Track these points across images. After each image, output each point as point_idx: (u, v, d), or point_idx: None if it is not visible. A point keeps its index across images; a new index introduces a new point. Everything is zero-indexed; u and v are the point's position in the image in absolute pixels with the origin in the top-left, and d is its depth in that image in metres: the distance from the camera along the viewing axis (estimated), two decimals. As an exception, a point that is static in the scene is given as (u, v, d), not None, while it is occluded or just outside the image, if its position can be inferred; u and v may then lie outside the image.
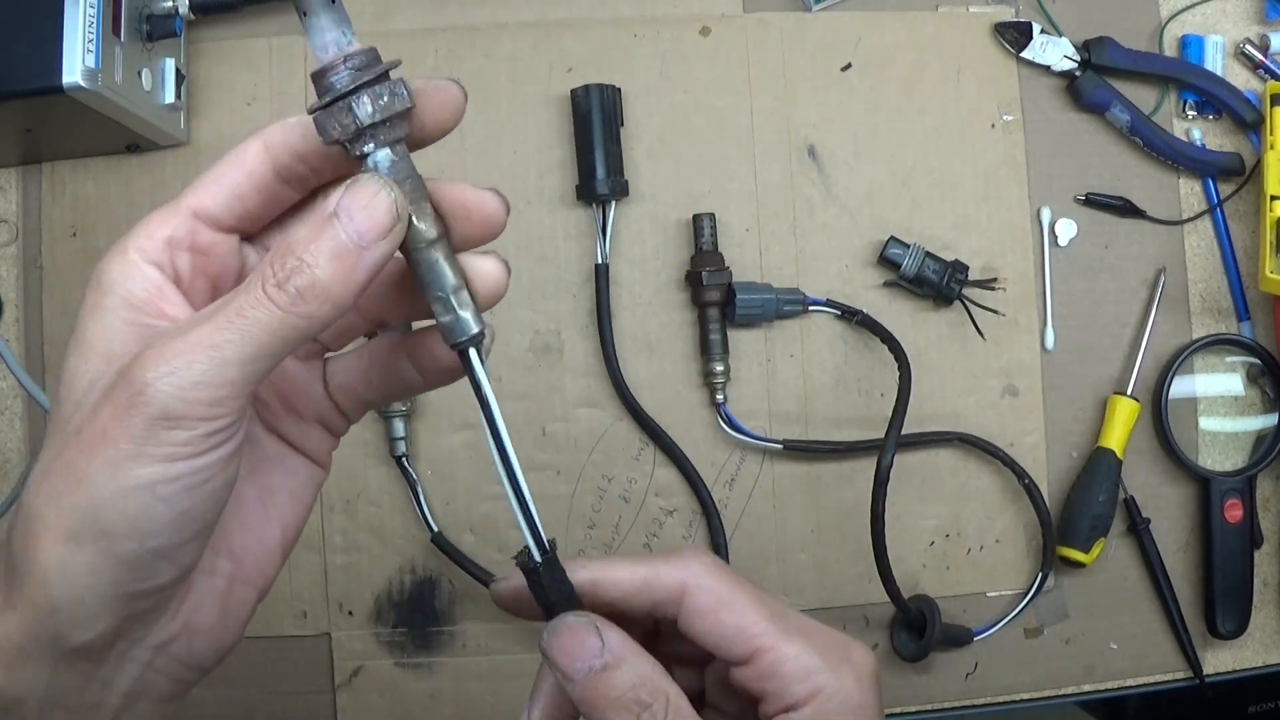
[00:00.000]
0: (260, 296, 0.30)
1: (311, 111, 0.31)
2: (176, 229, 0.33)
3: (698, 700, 0.37)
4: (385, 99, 0.31)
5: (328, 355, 0.38)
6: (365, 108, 0.30)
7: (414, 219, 0.32)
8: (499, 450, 0.34)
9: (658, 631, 0.39)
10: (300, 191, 0.34)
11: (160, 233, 0.32)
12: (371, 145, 0.31)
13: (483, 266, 0.33)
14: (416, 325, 0.37)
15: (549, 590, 0.34)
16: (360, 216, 0.30)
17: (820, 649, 0.35)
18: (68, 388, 0.32)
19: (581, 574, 0.35)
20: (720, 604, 0.35)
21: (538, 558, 0.34)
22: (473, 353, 0.33)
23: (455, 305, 0.32)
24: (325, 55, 0.31)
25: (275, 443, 0.37)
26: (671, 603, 0.35)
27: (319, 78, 0.31)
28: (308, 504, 0.38)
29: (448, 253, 0.32)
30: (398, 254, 0.32)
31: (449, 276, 0.32)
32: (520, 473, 0.34)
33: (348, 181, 0.31)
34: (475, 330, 0.33)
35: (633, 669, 0.33)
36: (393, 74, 0.31)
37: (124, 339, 0.31)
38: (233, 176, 0.33)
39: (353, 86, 0.30)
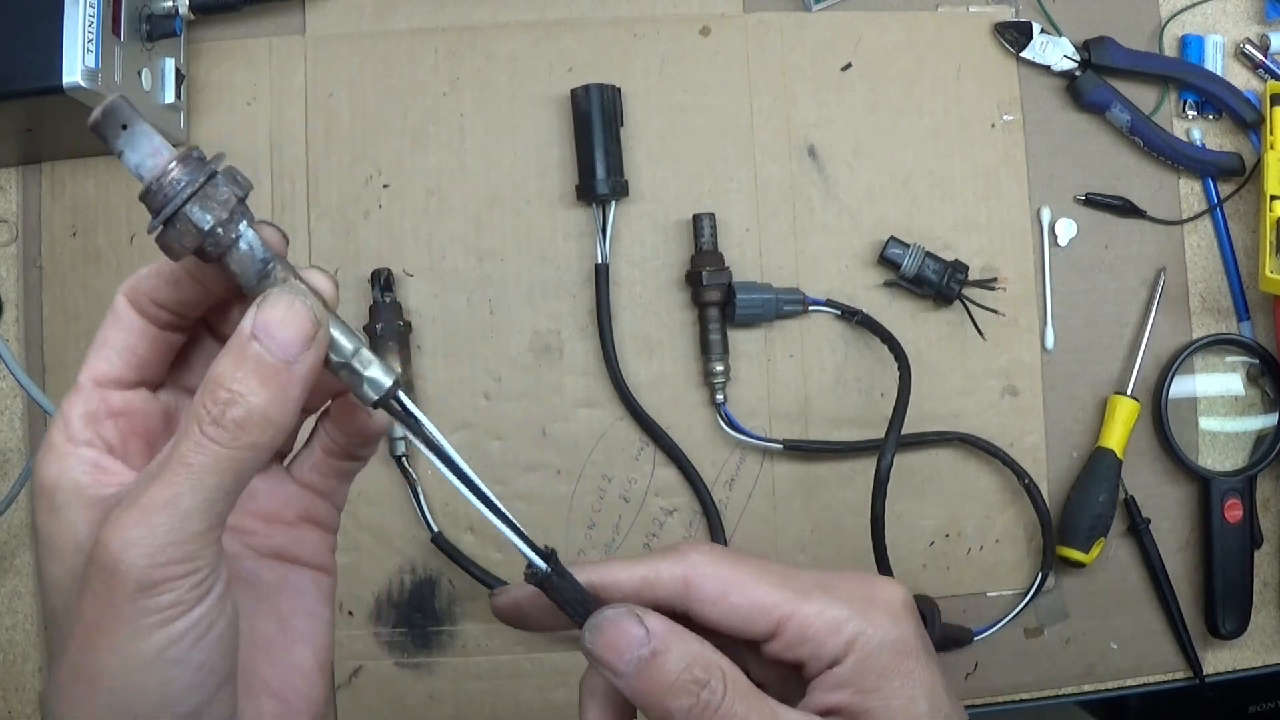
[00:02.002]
0: (200, 440, 0.29)
1: (151, 233, 0.31)
2: (87, 403, 0.33)
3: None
4: (218, 195, 0.30)
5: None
6: (199, 214, 0.30)
7: None
8: (465, 482, 0.33)
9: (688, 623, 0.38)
10: (186, 327, 0.34)
11: (75, 414, 0.32)
12: (224, 244, 0.31)
13: (312, 279, 0.33)
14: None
15: (567, 595, 0.34)
16: (280, 332, 0.30)
17: (844, 598, 0.34)
18: (52, 594, 0.31)
19: (581, 579, 0.35)
20: (727, 587, 0.34)
21: (543, 567, 0.34)
22: (398, 398, 0.33)
23: (359, 368, 0.32)
24: (146, 176, 0.30)
25: (273, 567, 0.37)
26: (677, 597, 0.35)
27: (147, 200, 0.30)
28: (327, 618, 0.38)
29: (334, 319, 0.32)
30: None
31: (344, 343, 0.32)
32: (492, 495, 0.34)
33: (257, 300, 0.30)
34: (389, 382, 0.32)
35: (683, 649, 0.32)
36: (222, 172, 0.31)
37: (84, 526, 0.30)
38: (114, 335, 0.33)
39: (182, 199, 0.30)
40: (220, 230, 0.30)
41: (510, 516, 0.34)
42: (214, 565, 0.30)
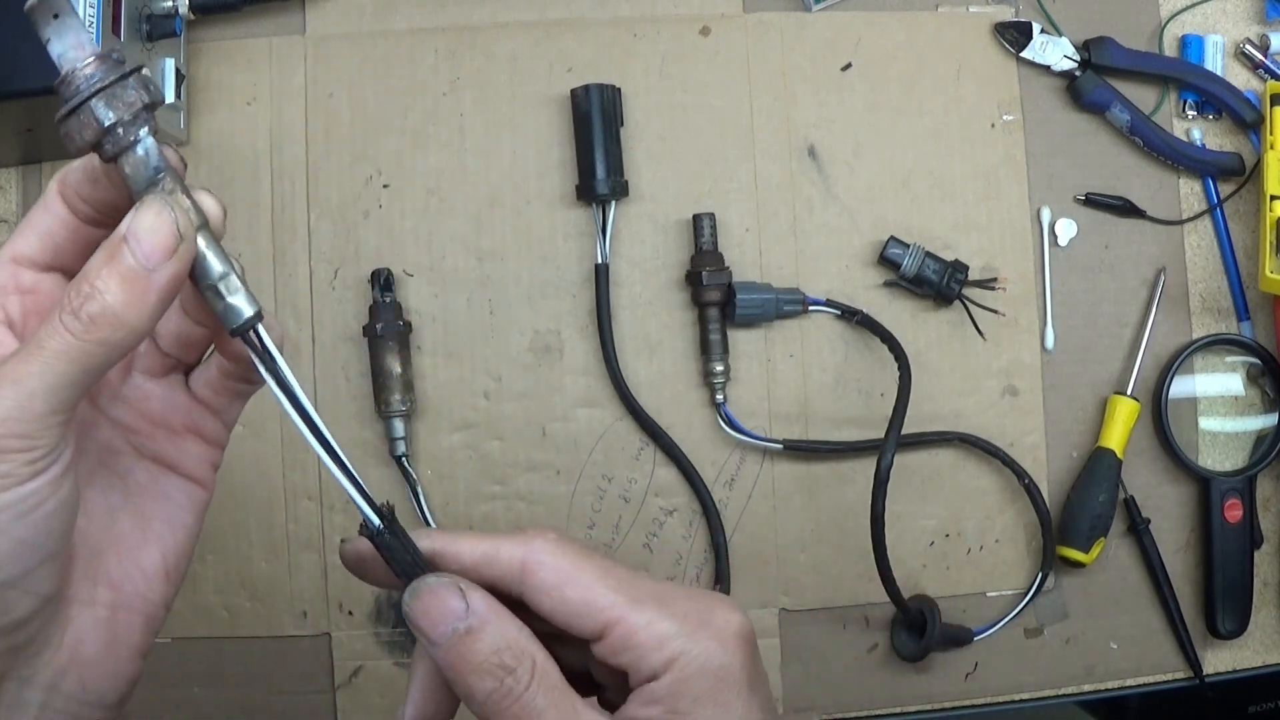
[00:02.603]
0: (57, 326, 0.30)
1: (56, 121, 0.32)
2: None
3: (586, 678, 0.36)
4: (125, 96, 0.31)
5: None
6: (103, 109, 0.31)
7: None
8: (311, 429, 0.34)
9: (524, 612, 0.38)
10: (104, 227, 0.34)
11: None
12: (121, 144, 0.31)
13: (199, 198, 0.33)
14: None
15: (397, 555, 0.34)
16: (146, 238, 0.31)
17: (677, 615, 0.34)
18: None
19: (424, 543, 0.35)
20: (564, 580, 0.34)
21: (377, 523, 0.34)
22: (258, 333, 0.33)
23: (225, 292, 0.33)
24: (64, 66, 0.32)
25: (148, 469, 0.37)
26: (513, 579, 0.34)
27: (60, 88, 0.32)
28: (190, 527, 0.38)
29: (209, 240, 0.33)
30: None
31: (214, 264, 0.33)
32: (338, 447, 0.34)
33: (135, 205, 0.31)
34: (249, 313, 0.33)
35: (497, 632, 0.33)
36: (135, 77, 0.32)
37: None
38: (40, 219, 0.35)
39: (91, 91, 0.31)
40: (120, 130, 0.31)
41: (353, 471, 0.34)
42: (52, 446, 0.30)
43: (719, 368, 0.72)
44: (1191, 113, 0.77)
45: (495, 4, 0.75)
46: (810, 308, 0.73)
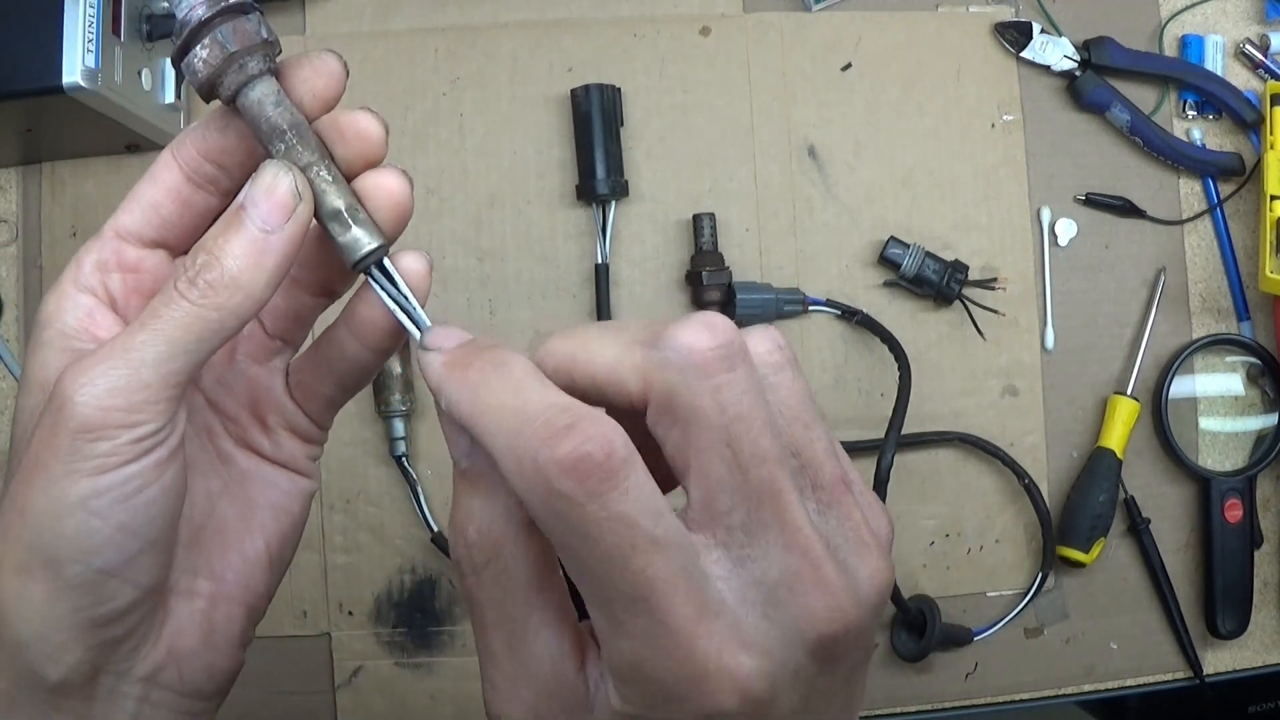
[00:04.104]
0: (172, 295, 0.29)
1: (172, 57, 0.31)
2: (101, 251, 0.33)
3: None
4: (244, 30, 0.31)
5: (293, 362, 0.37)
6: (226, 38, 0.30)
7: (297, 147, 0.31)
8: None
9: None
10: (218, 196, 0.34)
11: (88, 259, 0.33)
12: (240, 81, 0.31)
13: (381, 180, 0.32)
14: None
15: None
16: (263, 202, 0.30)
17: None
18: (18, 426, 0.32)
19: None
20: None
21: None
22: (383, 267, 0.32)
23: (350, 222, 0.31)
24: (181, 7, 0.31)
25: (249, 457, 0.36)
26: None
27: (179, 28, 0.31)
28: (295, 515, 0.37)
29: (334, 174, 0.32)
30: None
31: (335, 198, 0.31)
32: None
33: (253, 174, 0.31)
34: (373, 244, 0.31)
35: (480, 513, 0.29)
36: (254, 14, 0.31)
37: (58, 367, 0.30)
38: (147, 191, 0.33)
39: (209, 16, 0.30)
40: (240, 64, 0.31)
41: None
42: (160, 427, 0.29)
43: (719, 368, 0.72)
44: (1191, 113, 0.77)
45: (495, 4, 0.75)
46: (810, 308, 0.73)
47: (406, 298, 0.32)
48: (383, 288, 0.32)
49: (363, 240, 0.31)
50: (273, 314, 0.36)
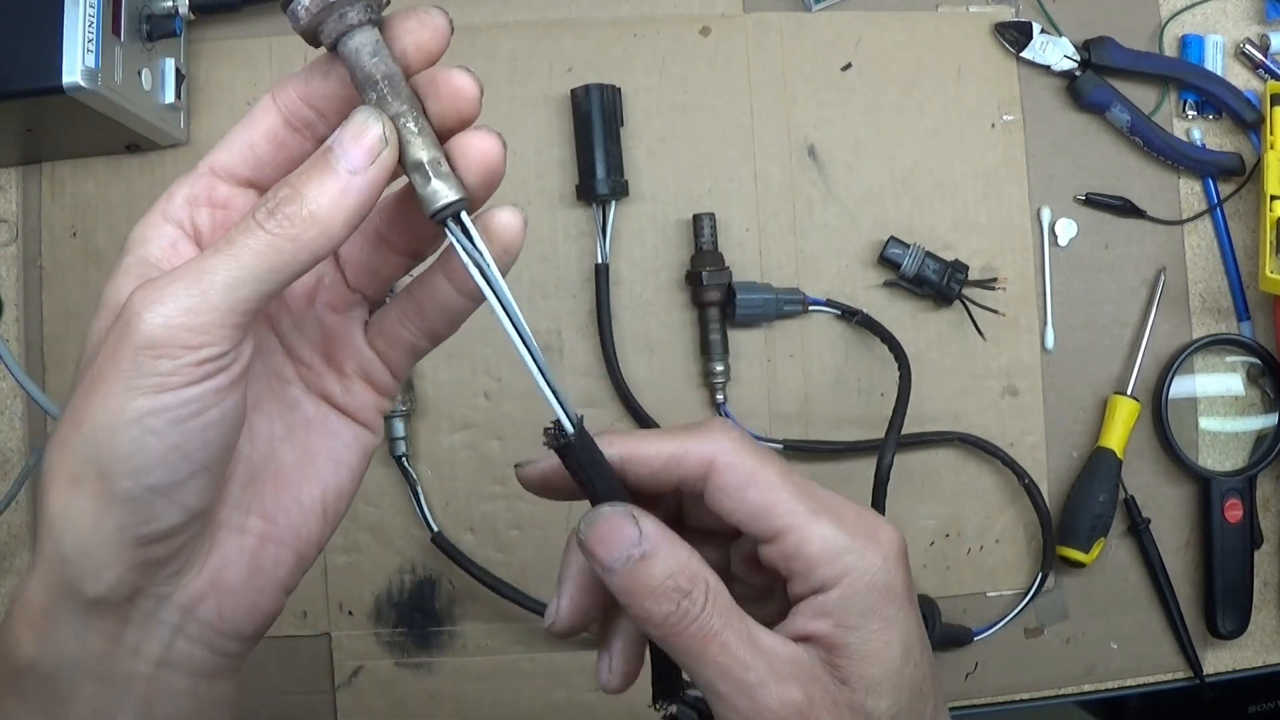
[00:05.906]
0: (250, 224, 0.30)
1: (282, 2, 0.32)
2: (193, 186, 0.34)
3: (723, 573, 0.36)
4: None
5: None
6: None
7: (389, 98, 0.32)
8: (514, 325, 0.33)
9: (681, 506, 0.38)
10: (313, 141, 0.34)
11: (180, 192, 0.34)
12: (339, 30, 0.31)
13: (473, 139, 0.33)
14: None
15: (585, 465, 0.34)
16: (351, 144, 0.31)
17: (849, 529, 0.34)
18: (88, 345, 0.32)
19: (610, 450, 0.35)
20: (747, 481, 0.34)
21: (569, 429, 0.34)
22: (461, 222, 0.32)
23: (431, 175, 0.32)
24: None
25: (316, 404, 0.37)
26: (698, 479, 0.34)
27: None
28: (354, 467, 0.37)
29: (422, 126, 0.32)
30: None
31: (420, 149, 0.32)
32: (538, 348, 0.34)
33: (346, 119, 0.31)
34: (453, 197, 0.32)
35: (671, 557, 0.33)
36: None
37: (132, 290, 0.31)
38: (244, 132, 0.34)
39: None
40: (341, 11, 0.31)
41: (551, 378, 0.34)
42: (223, 352, 0.30)
43: (719, 368, 0.72)
44: (1191, 113, 0.77)
45: (495, 4, 0.75)
46: (810, 308, 0.73)
47: (481, 253, 0.32)
48: (459, 243, 0.32)
49: (442, 192, 0.32)
50: (356, 267, 0.37)
